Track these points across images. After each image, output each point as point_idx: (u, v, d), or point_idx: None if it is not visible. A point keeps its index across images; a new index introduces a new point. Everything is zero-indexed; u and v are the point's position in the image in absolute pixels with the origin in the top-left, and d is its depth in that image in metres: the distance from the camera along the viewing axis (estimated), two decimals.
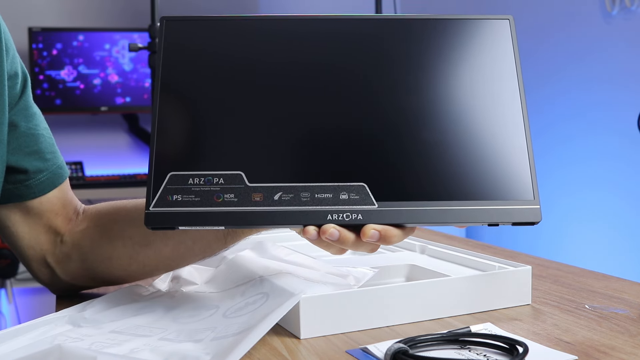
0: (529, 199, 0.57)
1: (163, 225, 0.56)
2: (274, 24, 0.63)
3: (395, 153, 0.58)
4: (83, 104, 2.77)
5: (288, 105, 0.59)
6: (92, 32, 2.77)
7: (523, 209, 0.56)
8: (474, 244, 1.04)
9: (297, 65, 0.61)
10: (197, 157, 0.58)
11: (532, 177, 0.57)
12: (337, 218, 0.56)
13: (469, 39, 0.62)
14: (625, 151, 2.14)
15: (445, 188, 0.57)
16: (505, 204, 0.56)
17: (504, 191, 0.57)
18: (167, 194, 0.56)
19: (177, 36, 0.62)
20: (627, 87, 2.13)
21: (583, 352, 0.54)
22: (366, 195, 0.56)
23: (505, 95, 0.60)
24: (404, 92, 0.60)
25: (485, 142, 0.58)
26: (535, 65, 2.48)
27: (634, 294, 0.72)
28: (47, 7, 2.83)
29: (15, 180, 0.72)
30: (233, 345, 0.51)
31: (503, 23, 0.62)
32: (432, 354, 0.53)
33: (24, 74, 0.73)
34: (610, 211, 2.20)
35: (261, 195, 0.56)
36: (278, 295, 0.60)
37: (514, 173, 0.57)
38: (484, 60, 0.61)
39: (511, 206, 0.56)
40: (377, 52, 0.61)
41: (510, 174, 0.57)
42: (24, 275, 2.57)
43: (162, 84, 0.60)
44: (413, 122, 0.59)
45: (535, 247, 2.48)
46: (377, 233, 0.55)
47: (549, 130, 2.43)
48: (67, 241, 0.74)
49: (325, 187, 0.57)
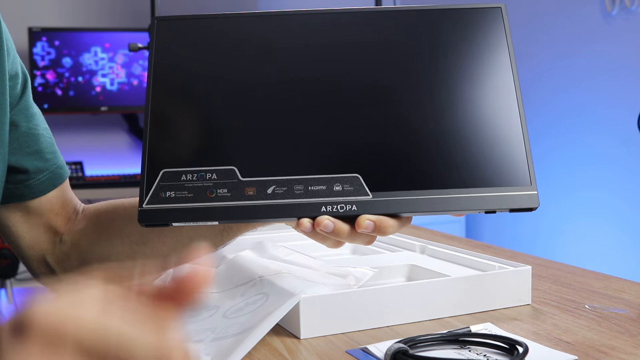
0: (526, 184, 0.56)
1: (156, 222, 0.56)
2: (265, 20, 0.63)
3: (388, 143, 0.58)
4: (83, 104, 2.77)
5: (279, 99, 0.59)
6: (92, 32, 2.77)
7: (520, 195, 0.56)
8: (474, 244, 1.04)
9: (288, 60, 0.61)
10: (190, 154, 0.58)
11: (528, 162, 0.57)
12: (332, 210, 0.55)
13: (462, 27, 0.62)
14: (625, 151, 2.14)
15: (440, 176, 0.56)
16: (502, 190, 0.56)
17: (501, 178, 0.56)
18: (160, 191, 0.56)
19: (169, 35, 0.62)
20: (627, 87, 2.13)
21: (583, 352, 0.54)
22: (360, 186, 0.56)
23: (499, 82, 0.60)
24: (397, 82, 0.60)
25: (480, 129, 0.58)
26: (534, 65, 2.47)
27: (634, 294, 0.72)
28: (47, 7, 2.84)
29: (15, 180, 0.72)
30: (233, 346, 0.51)
31: (495, 11, 0.62)
32: (432, 354, 0.53)
33: (24, 74, 0.73)
34: (610, 210, 2.20)
35: (254, 190, 0.56)
36: (278, 295, 0.60)
37: (510, 159, 0.57)
38: (477, 48, 0.61)
39: (508, 192, 0.56)
40: (368, 44, 0.61)
41: (506, 161, 0.57)
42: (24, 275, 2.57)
43: (154, 82, 0.60)
44: (406, 111, 0.59)
45: (533, 246, 2.48)
46: (372, 223, 0.55)
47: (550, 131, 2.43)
48: (66, 240, 0.74)
49: (319, 179, 0.56)
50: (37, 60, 2.70)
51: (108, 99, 2.79)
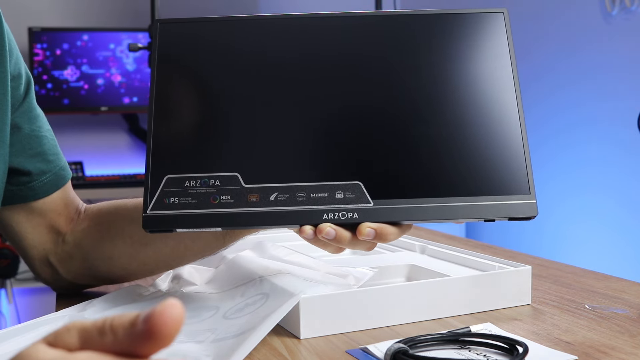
0: (525, 193, 0.57)
1: (161, 228, 0.57)
2: (268, 23, 0.63)
3: (390, 151, 0.58)
4: (83, 104, 2.77)
5: (282, 106, 0.60)
6: (92, 32, 2.77)
7: (519, 203, 0.56)
8: (474, 244, 1.04)
9: (291, 66, 0.61)
10: (193, 160, 0.58)
11: (527, 171, 0.57)
12: (333, 217, 0.56)
13: (464, 33, 0.61)
14: (625, 153, 2.14)
15: (440, 184, 0.57)
16: (501, 199, 0.56)
17: (500, 186, 0.57)
18: (164, 197, 0.57)
19: (171, 38, 0.62)
20: (627, 88, 2.13)
21: (583, 352, 0.54)
22: (361, 194, 0.56)
23: (501, 90, 0.60)
24: (398, 89, 0.60)
25: (481, 138, 0.58)
26: (534, 66, 2.47)
27: (634, 294, 0.72)
28: (47, 7, 2.83)
29: (18, 182, 0.72)
30: (234, 348, 0.51)
31: (497, 16, 0.62)
32: (432, 354, 0.53)
33: (27, 75, 0.73)
34: (611, 212, 2.20)
35: (257, 196, 0.56)
36: (278, 295, 0.60)
37: (509, 168, 0.57)
38: (479, 54, 0.61)
39: (507, 201, 0.56)
40: (370, 49, 0.61)
41: (506, 169, 0.57)
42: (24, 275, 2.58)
43: (157, 87, 0.60)
44: (407, 119, 0.59)
45: (537, 249, 2.48)
46: (373, 231, 0.55)
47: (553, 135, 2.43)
48: (69, 240, 0.74)
49: (321, 186, 0.57)
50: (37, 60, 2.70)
51: (108, 99, 2.79)
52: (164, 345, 0.27)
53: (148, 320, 0.26)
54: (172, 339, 0.27)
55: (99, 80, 2.78)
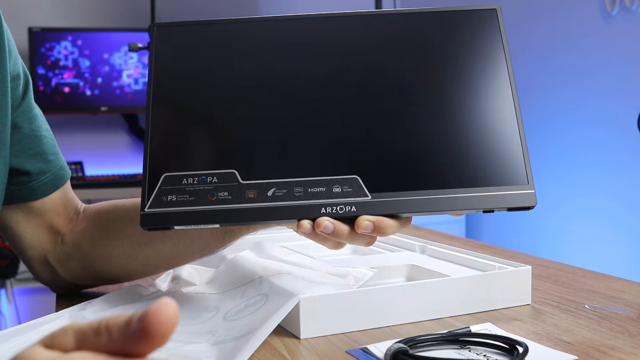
0: (523, 183, 0.57)
1: (159, 226, 0.57)
2: (263, 25, 0.63)
3: (387, 144, 0.58)
4: (84, 104, 2.77)
5: (277, 102, 0.60)
6: (92, 32, 2.77)
7: (517, 194, 0.56)
8: (474, 244, 1.04)
9: (286, 64, 0.61)
10: (191, 157, 0.59)
11: (525, 161, 0.57)
12: (331, 211, 0.56)
13: (458, 29, 0.62)
14: (625, 153, 2.14)
15: (438, 176, 0.57)
16: (499, 189, 0.56)
17: (498, 177, 0.57)
18: (162, 195, 0.57)
19: (169, 41, 0.63)
20: (627, 88, 2.13)
21: (583, 352, 0.54)
22: (359, 187, 0.56)
23: (495, 83, 0.60)
24: (394, 84, 0.60)
25: (477, 129, 0.59)
26: (534, 66, 2.47)
27: (634, 294, 0.72)
28: (47, 7, 2.84)
29: (17, 182, 0.72)
30: (235, 351, 0.51)
31: (491, 12, 0.62)
32: (432, 354, 0.53)
33: (25, 75, 0.73)
34: (611, 212, 2.20)
35: (255, 192, 0.57)
36: (278, 295, 0.60)
37: (507, 158, 0.57)
38: (473, 50, 0.61)
39: (505, 192, 0.56)
40: (366, 47, 0.62)
41: (503, 160, 0.57)
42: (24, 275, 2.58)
43: (154, 88, 0.61)
44: (404, 112, 0.59)
45: (536, 249, 2.48)
46: (371, 224, 0.55)
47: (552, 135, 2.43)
48: (68, 241, 0.74)
49: (318, 181, 0.57)
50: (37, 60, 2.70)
51: (108, 99, 2.79)
52: (159, 345, 0.27)
53: (142, 319, 0.26)
54: (167, 338, 0.26)
55: (99, 80, 2.78)
